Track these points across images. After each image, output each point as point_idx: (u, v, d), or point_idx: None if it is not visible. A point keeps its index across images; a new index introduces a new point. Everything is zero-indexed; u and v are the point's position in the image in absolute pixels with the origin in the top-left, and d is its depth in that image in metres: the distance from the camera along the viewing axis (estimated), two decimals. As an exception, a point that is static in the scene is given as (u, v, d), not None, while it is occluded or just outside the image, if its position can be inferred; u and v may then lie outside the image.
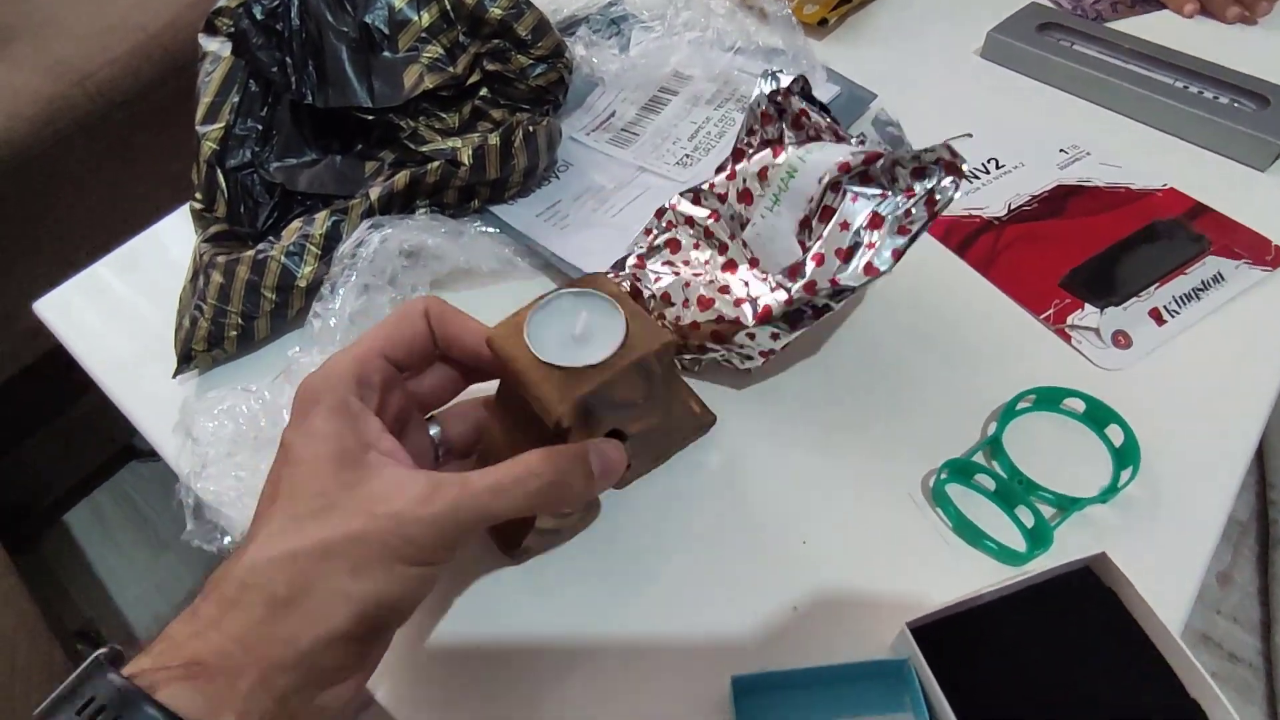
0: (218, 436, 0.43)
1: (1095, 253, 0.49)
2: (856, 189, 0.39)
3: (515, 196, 0.57)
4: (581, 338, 0.34)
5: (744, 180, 0.43)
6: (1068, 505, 0.39)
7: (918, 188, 0.39)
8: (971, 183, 0.55)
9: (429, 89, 0.57)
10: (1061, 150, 0.56)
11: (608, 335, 0.34)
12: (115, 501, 1.14)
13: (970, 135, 0.59)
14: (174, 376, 0.51)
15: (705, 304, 0.42)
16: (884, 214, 0.39)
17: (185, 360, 0.51)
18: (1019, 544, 0.39)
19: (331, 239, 0.51)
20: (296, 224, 0.52)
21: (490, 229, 0.55)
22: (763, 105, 0.45)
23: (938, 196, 0.38)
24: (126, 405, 0.51)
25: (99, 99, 0.79)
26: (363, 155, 0.60)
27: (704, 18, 0.62)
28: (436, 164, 0.52)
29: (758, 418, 0.45)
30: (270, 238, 0.53)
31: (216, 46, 0.58)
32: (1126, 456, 0.40)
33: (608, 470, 0.32)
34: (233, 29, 0.57)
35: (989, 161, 0.57)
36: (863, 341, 0.48)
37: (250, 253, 0.51)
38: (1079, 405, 0.43)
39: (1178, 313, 0.46)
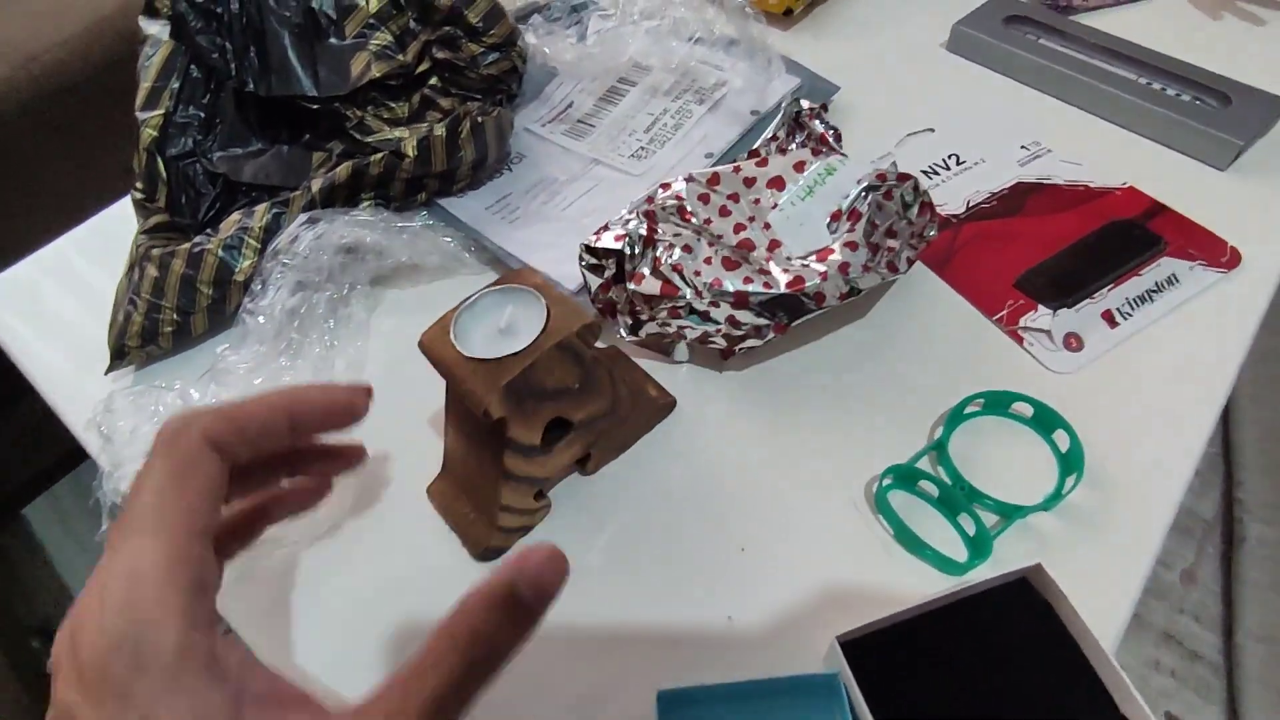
0: (136, 435, 0.41)
1: (1051, 253, 0.49)
2: (883, 201, 0.43)
3: (464, 189, 0.56)
4: (507, 330, 0.34)
5: (777, 169, 0.45)
6: (1009, 513, 0.38)
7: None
8: (930, 180, 0.54)
9: (377, 78, 0.55)
10: (1023, 147, 0.55)
11: (532, 324, 0.33)
12: (76, 495, 1.12)
13: (932, 130, 0.59)
14: (106, 373, 0.50)
15: (731, 265, 0.42)
16: (898, 229, 0.44)
17: (118, 356, 0.49)
18: (960, 553, 0.38)
19: (271, 232, 0.49)
20: (236, 216, 0.51)
21: (436, 223, 0.53)
22: (784, 125, 0.49)
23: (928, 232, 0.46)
24: (56, 402, 0.50)
25: (45, 82, 0.76)
26: (310, 146, 0.58)
27: (663, 6, 0.60)
28: (380, 155, 0.51)
29: (714, 414, 0.44)
30: (208, 230, 0.51)
31: (157, 30, 0.56)
32: (1072, 463, 0.40)
33: (539, 579, 0.23)
34: (171, 12, 0.55)
35: (949, 157, 0.56)
36: (814, 341, 0.47)
37: (186, 246, 0.49)
38: (1027, 410, 0.42)
39: (1130, 315, 0.45)
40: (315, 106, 0.55)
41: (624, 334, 0.45)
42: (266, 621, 0.40)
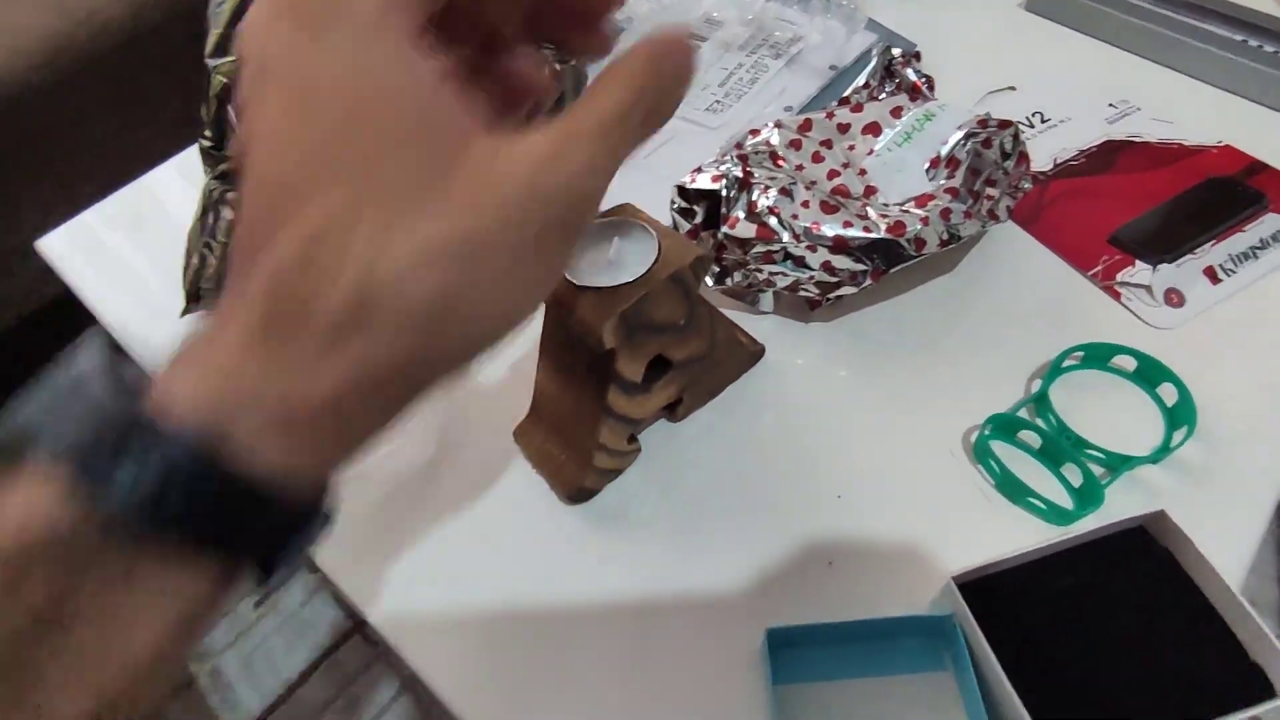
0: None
1: (1147, 209, 0.47)
2: (981, 149, 0.42)
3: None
4: (615, 262, 0.33)
5: (874, 114, 0.44)
6: (1118, 464, 0.37)
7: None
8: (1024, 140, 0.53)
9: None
10: (1110, 105, 0.54)
11: (641, 255, 0.33)
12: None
13: (1014, 89, 0.57)
14: (182, 316, 0.49)
15: (829, 209, 0.41)
16: (996, 178, 0.43)
17: (194, 300, 0.49)
18: (1066, 502, 0.37)
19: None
20: None
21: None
22: (876, 72, 0.48)
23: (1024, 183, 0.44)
24: (129, 345, 0.49)
25: (102, 37, 0.76)
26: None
27: (738, -41, 0.59)
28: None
29: (803, 365, 0.43)
30: None
31: (228, -25, 0.56)
32: (1180, 416, 0.39)
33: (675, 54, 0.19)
34: (245, -45, 0.54)
35: (1033, 115, 0.54)
36: (908, 296, 0.46)
37: None
38: (1130, 363, 0.41)
39: (1234, 271, 0.44)
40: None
41: (710, 282, 0.44)
42: (351, 562, 0.39)
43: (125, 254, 0.55)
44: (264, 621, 0.96)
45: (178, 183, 0.59)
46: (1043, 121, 0.54)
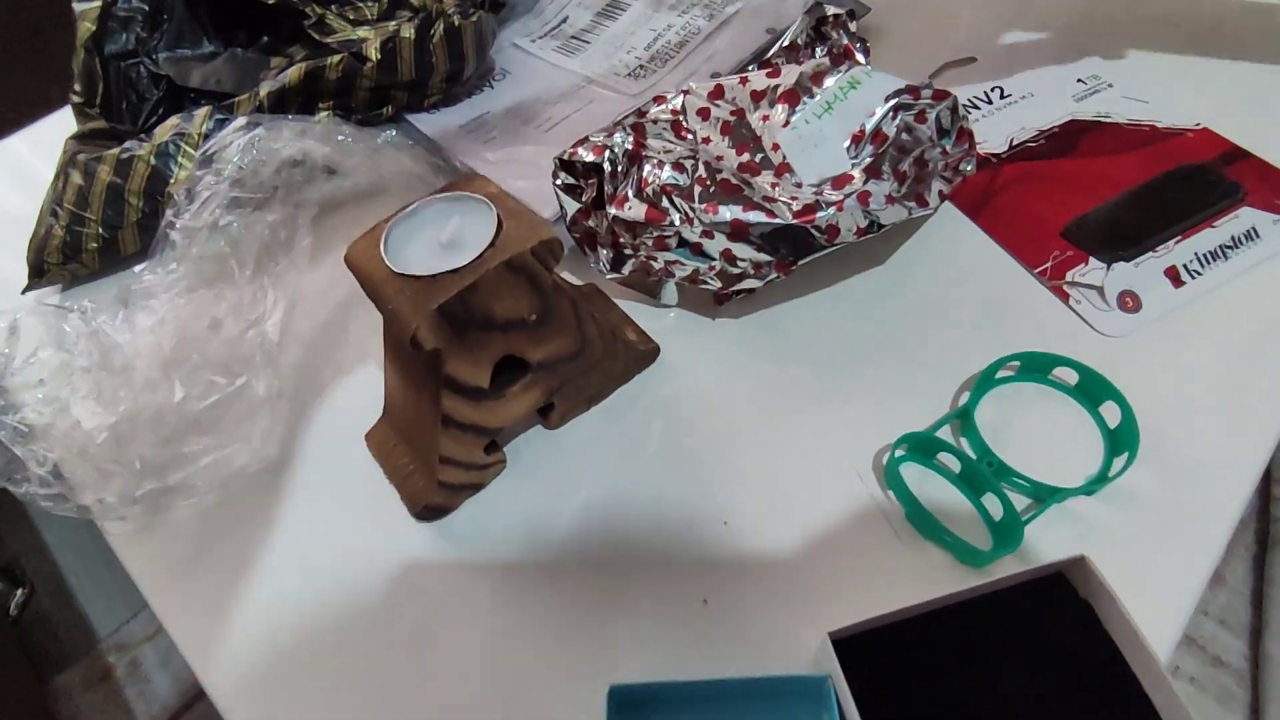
0: (32, 361, 0.36)
1: (1107, 199, 0.42)
2: (913, 123, 0.37)
3: (438, 105, 0.49)
4: (450, 245, 0.28)
5: (791, 80, 0.38)
6: (1045, 495, 0.32)
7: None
8: (968, 115, 0.47)
9: (341, -29, 0.49)
10: (1079, 80, 0.48)
11: (480, 239, 0.27)
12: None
13: (974, 60, 0.51)
14: (23, 292, 0.44)
15: (730, 189, 0.35)
16: (930, 158, 0.37)
17: (37, 274, 0.44)
18: (983, 540, 0.32)
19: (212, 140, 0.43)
20: (174, 120, 0.45)
21: (401, 140, 0.47)
22: (803, 32, 0.42)
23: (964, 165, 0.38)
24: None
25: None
26: (267, 50, 0.52)
27: (673, -93, 0.53)
28: (339, 58, 0.45)
29: (704, 368, 0.38)
30: (140, 136, 0.45)
31: (97, -89, 0.50)
32: (1122, 440, 0.33)
33: None
34: (111, -113, 0.48)
35: (992, 90, 0.48)
36: (831, 290, 0.40)
37: (115, 151, 0.43)
38: (1071, 376, 0.36)
39: (1199, 273, 0.39)
40: (271, 2, 0.49)
41: (605, 270, 0.39)
42: (171, 581, 0.34)
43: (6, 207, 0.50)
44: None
45: (25, 154, 0.53)
46: (1002, 97, 0.48)
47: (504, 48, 0.54)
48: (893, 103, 0.37)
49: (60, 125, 0.52)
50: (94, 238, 0.43)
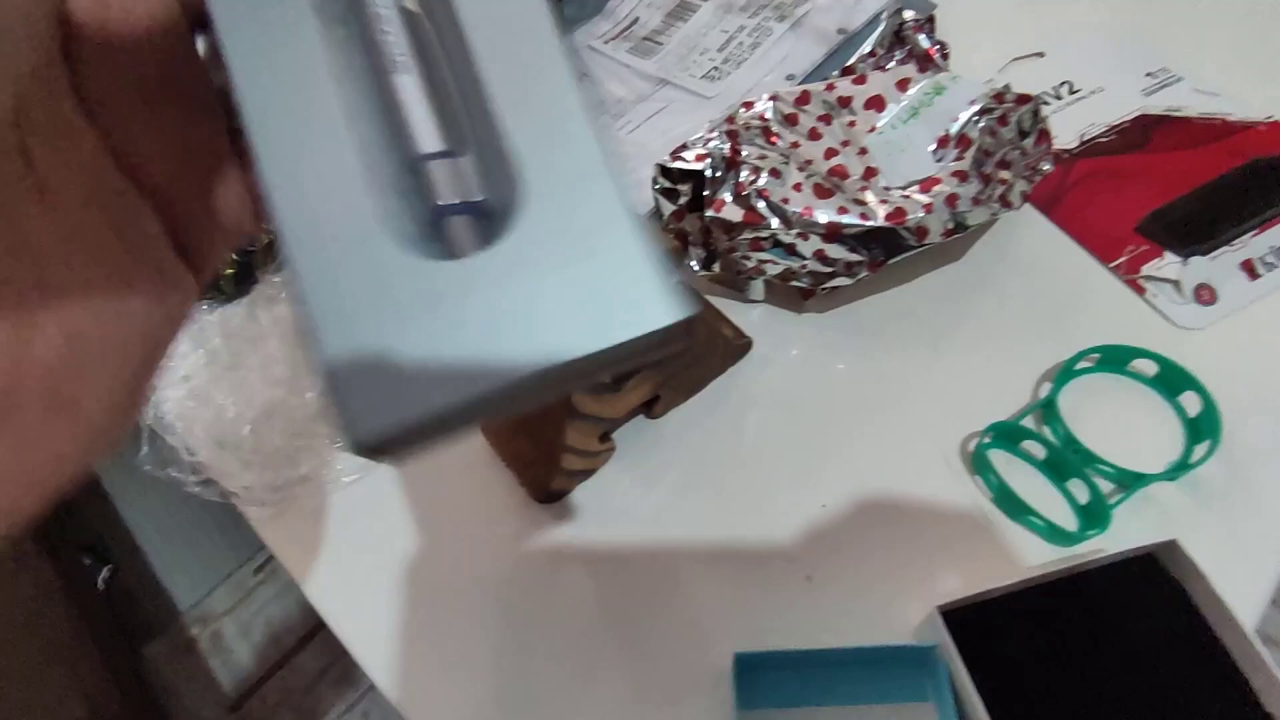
0: (175, 358, 0.39)
1: (1181, 193, 0.43)
2: (996, 127, 0.38)
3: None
4: None
5: (877, 87, 0.40)
6: (1130, 481, 0.34)
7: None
8: (1047, 116, 0.48)
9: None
10: (1149, 74, 0.49)
11: None
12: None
13: (1042, 55, 0.52)
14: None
15: (823, 193, 0.37)
16: (1011, 159, 0.39)
17: None
18: (1069, 522, 0.34)
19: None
20: None
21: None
22: (885, 38, 0.44)
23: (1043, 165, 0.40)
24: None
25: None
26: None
27: (744, -92, 0.54)
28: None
29: (793, 360, 0.40)
30: None
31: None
32: (1203, 429, 0.35)
33: None
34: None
35: (1061, 85, 0.50)
36: (911, 286, 0.42)
37: None
38: (1150, 367, 0.37)
39: (1275, 265, 0.40)
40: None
41: (696, 268, 0.41)
42: (308, 557, 0.38)
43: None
44: (262, 589, 0.97)
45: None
46: (1071, 93, 0.49)
47: (578, 50, 0.56)
48: (977, 107, 0.38)
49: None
50: (229, 264, 0.45)
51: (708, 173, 0.38)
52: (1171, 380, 0.37)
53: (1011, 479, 0.35)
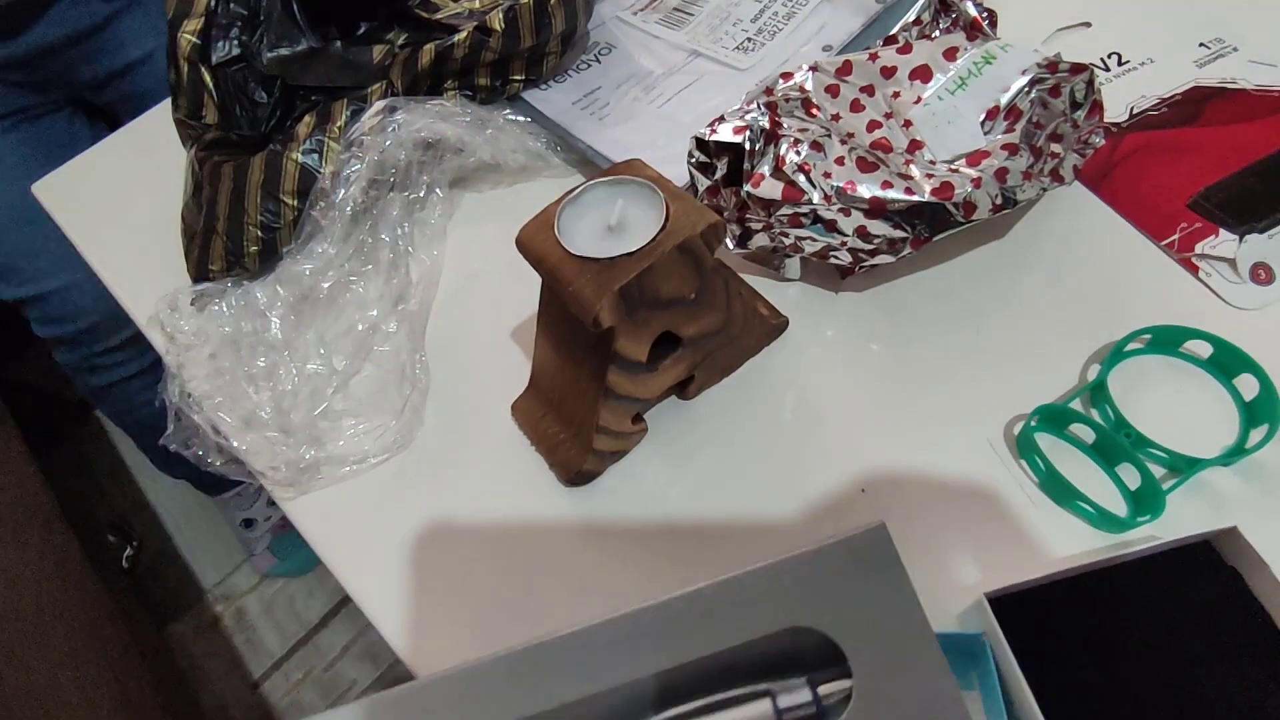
0: (200, 335, 0.39)
1: (1237, 169, 0.41)
2: (1048, 98, 0.37)
3: (552, 74, 0.50)
4: (618, 228, 0.30)
5: (923, 57, 0.39)
6: (1183, 466, 0.33)
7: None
8: (1101, 87, 0.47)
9: (448, -50, 0.49)
10: (1202, 45, 0.47)
11: (646, 222, 0.29)
12: (148, 395, 1.14)
13: (1089, 25, 0.50)
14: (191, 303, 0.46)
15: (867, 167, 0.36)
16: (1063, 132, 0.38)
17: (201, 279, 0.46)
18: (1119, 507, 0.33)
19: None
20: (310, 118, 0.46)
21: (520, 118, 0.48)
22: (929, 6, 0.42)
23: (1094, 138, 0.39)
24: (122, 298, 0.47)
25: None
26: (368, 38, 0.53)
27: (778, -128, 0.52)
28: (464, 35, 0.45)
29: (830, 339, 0.39)
30: (280, 137, 0.46)
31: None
32: (1260, 412, 0.34)
33: None
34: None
35: (1109, 57, 0.48)
36: (952, 264, 0.41)
37: (260, 155, 0.45)
38: (1204, 349, 0.36)
39: (1336, 244, 0.38)
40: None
41: (731, 245, 0.40)
42: (333, 535, 0.37)
43: (123, 202, 0.52)
44: (285, 567, 0.97)
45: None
46: (1120, 64, 0.47)
47: (605, 21, 0.54)
48: (1029, 77, 0.37)
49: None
50: (254, 240, 0.44)
51: (746, 145, 0.36)
52: (1227, 362, 0.35)
53: (1059, 463, 0.34)
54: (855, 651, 0.20)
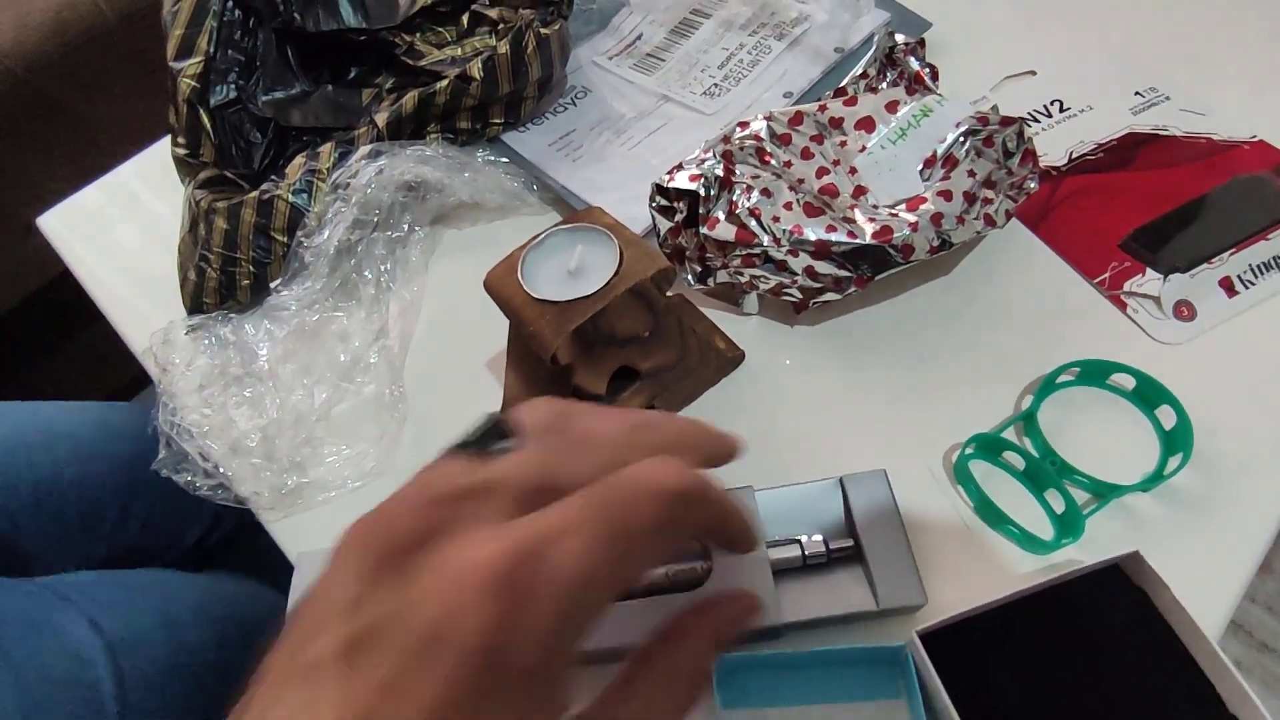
0: (192, 367, 0.41)
1: (1164, 211, 0.44)
2: (982, 148, 0.40)
3: (530, 118, 0.53)
4: (577, 272, 0.32)
5: (867, 108, 0.42)
6: (1104, 492, 0.35)
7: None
8: (1029, 127, 0.50)
9: (427, 4, 0.53)
10: (1137, 94, 0.50)
11: (603, 266, 0.32)
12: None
13: (1034, 73, 0.54)
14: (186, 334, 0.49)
15: (813, 211, 0.39)
16: (996, 179, 0.41)
17: (196, 312, 0.48)
18: (1046, 531, 0.35)
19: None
20: (300, 159, 0.49)
21: (499, 159, 0.51)
22: (876, 60, 0.45)
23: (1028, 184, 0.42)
24: (122, 328, 0.50)
25: (109, 9, 0.75)
26: (357, 82, 0.56)
27: (743, -70, 0.56)
28: (446, 82, 0.48)
29: (784, 370, 0.42)
30: (272, 177, 0.49)
31: (182, -28, 0.53)
32: (1177, 441, 0.36)
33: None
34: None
35: (1052, 104, 0.51)
36: (901, 299, 0.44)
37: (254, 194, 0.48)
38: (1128, 382, 0.39)
39: (1253, 283, 0.41)
40: (362, 39, 0.53)
41: (692, 282, 0.43)
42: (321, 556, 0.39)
43: (124, 236, 0.55)
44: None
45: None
46: (1061, 110, 0.50)
47: (583, 66, 0.57)
48: (963, 129, 0.40)
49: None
50: (246, 275, 0.46)
51: (702, 192, 0.39)
52: (1149, 394, 0.38)
53: (993, 488, 0.36)
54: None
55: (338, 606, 0.16)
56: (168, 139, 0.59)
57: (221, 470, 0.41)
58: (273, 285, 0.45)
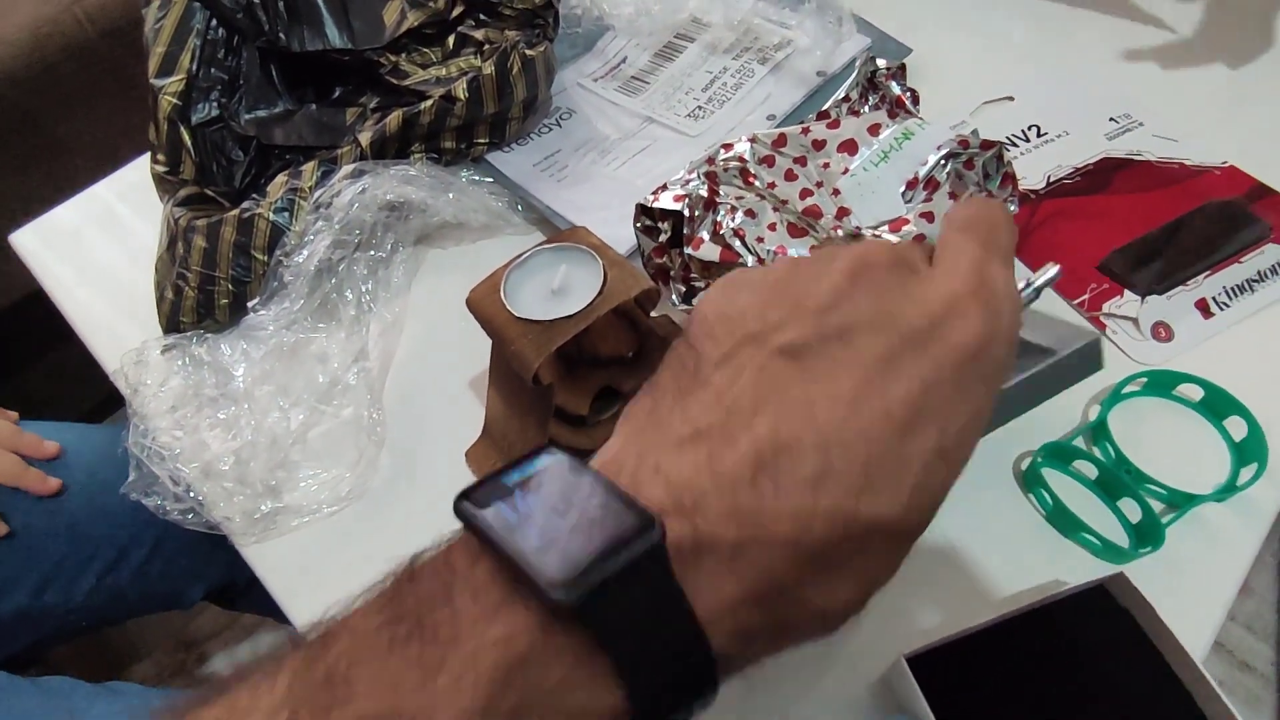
0: (165, 388, 0.40)
1: (1140, 234, 0.45)
2: (962, 170, 0.40)
3: (515, 138, 0.53)
4: (560, 291, 0.32)
5: (850, 132, 0.42)
6: (1181, 501, 0.35)
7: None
8: (1008, 152, 0.50)
9: (413, 26, 0.53)
10: (1112, 119, 0.51)
11: (587, 286, 0.31)
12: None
13: (1011, 99, 0.55)
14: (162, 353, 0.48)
15: (797, 232, 0.39)
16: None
17: (173, 330, 0.47)
18: (1122, 539, 0.35)
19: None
20: (282, 178, 0.48)
21: (483, 179, 0.51)
22: (858, 84, 0.45)
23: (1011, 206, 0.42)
24: (96, 347, 0.49)
25: (89, 25, 0.75)
26: (342, 101, 0.56)
27: (726, -43, 0.56)
28: (431, 102, 0.48)
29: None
30: (254, 195, 0.49)
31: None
32: (1249, 452, 0.36)
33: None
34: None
35: (1030, 128, 0.52)
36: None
37: (235, 212, 0.47)
38: (1196, 392, 0.39)
39: (1227, 305, 0.42)
40: (346, 59, 0.53)
41: (676, 302, 0.42)
42: (292, 582, 0.38)
43: (99, 253, 0.54)
44: (250, 615, 0.97)
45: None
46: (1039, 135, 0.51)
47: (568, 88, 0.58)
48: (944, 152, 0.40)
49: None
50: (225, 294, 0.45)
51: (686, 212, 0.39)
52: (1217, 405, 0.38)
53: (1065, 497, 0.36)
54: None
55: (807, 308, 0.19)
56: (147, 156, 0.59)
57: (193, 494, 0.40)
58: (250, 305, 0.44)
